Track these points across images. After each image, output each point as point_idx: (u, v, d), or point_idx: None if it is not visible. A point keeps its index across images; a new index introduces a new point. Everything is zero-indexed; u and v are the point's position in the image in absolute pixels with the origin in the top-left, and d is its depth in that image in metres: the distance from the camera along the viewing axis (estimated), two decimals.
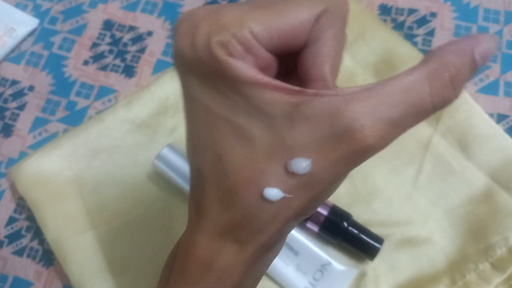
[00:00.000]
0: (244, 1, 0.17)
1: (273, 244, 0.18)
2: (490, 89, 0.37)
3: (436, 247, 0.33)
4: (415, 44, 0.39)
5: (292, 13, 0.16)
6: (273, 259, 0.19)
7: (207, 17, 0.16)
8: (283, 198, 0.16)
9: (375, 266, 0.32)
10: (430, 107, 0.15)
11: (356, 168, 0.36)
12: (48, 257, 0.35)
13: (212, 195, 0.17)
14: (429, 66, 0.16)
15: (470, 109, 0.35)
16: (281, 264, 0.32)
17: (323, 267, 0.32)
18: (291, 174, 0.16)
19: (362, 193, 0.34)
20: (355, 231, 0.31)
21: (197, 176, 0.18)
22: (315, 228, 0.32)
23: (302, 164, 0.15)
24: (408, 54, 0.38)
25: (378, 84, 0.15)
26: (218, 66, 0.15)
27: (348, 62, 0.38)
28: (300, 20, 0.16)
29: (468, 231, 0.33)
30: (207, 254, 0.17)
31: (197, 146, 0.17)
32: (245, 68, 0.15)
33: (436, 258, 0.32)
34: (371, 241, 0.31)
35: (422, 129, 0.35)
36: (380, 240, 0.31)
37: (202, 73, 0.16)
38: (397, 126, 0.15)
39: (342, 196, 0.34)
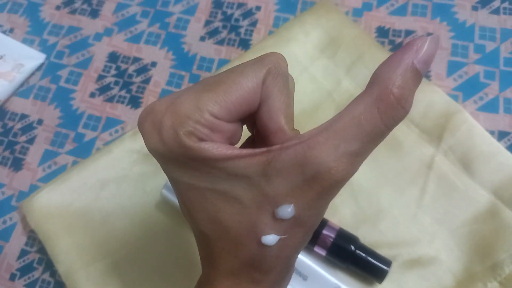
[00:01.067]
0: (195, 84, 0.19)
1: (283, 277, 0.20)
2: (490, 107, 0.38)
3: (443, 267, 0.33)
4: None
5: (240, 85, 0.18)
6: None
7: (168, 110, 0.17)
8: (280, 239, 0.18)
9: None
10: (385, 130, 0.17)
11: (360, 189, 0.37)
12: None
13: (219, 248, 0.19)
14: (374, 91, 0.17)
15: (471, 128, 0.36)
16: None
17: None
18: (280, 220, 0.18)
19: (368, 214, 0.35)
20: (363, 254, 0.32)
21: (199, 235, 0.20)
22: (322, 252, 0.32)
23: (287, 210, 0.17)
24: None
25: (334, 120, 0.17)
26: (190, 153, 0.17)
27: (348, 85, 0.39)
28: (249, 88, 0.18)
29: (474, 250, 0.33)
30: None
31: (193, 215, 0.19)
32: (215, 148, 0.17)
33: (444, 277, 0.33)
34: (379, 264, 0.31)
35: (424, 149, 0.36)
36: (388, 263, 0.32)
37: (178, 160, 0.18)
38: (359, 156, 0.17)
39: (348, 218, 0.34)
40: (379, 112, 0.16)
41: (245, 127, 0.20)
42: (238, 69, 0.18)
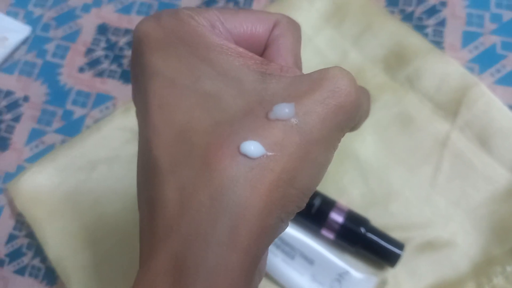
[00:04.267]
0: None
1: (264, 225, 0.14)
2: (508, 80, 0.35)
3: (459, 250, 0.31)
4: (425, 35, 0.37)
5: (252, 15, 0.17)
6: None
7: (173, 10, 0.17)
8: (266, 157, 0.13)
9: (395, 273, 0.30)
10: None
11: (370, 169, 0.34)
12: (51, 276, 0.33)
13: (171, 187, 0.14)
14: None
15: (489, 102, 0.33)
16: (295, 275, 0.30)
17: (341, 276, 0.30)
18: (272, 124, 0.13)
19: (378, 195, 0.32)
20: (374, 237, 0.29)
21: (148, 166, 0.15)
22: (330, 235, 0.30)
23: (284, 109, 0.13)
24: (419, 46, 0.36)
25: None
26: (185, 30, 0.16)
27: (355, 57, 0.36)
28: (260, 26, 0.17)
29: (492, 232, 0.31)
30: None
31: (157, 126, 0.15)
32: (212, 33, 0.16)
33: (460, 261, 0.31)
34: (392, 247, 0.29)
35: (439, 125, 0.33)
36: (401, 246, 0.29)
37: (167, 44, 0.16)
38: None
39: (357, 199, 0.32)
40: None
41: None
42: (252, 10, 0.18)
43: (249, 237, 0.13)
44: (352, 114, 0.15)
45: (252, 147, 0.13)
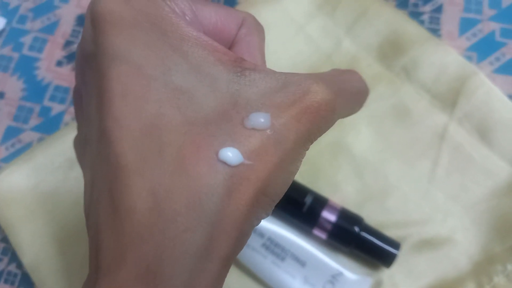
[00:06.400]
0: None
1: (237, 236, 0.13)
2: (508, 69, 0.34)
3: (458, 248, 0.29)
4: (421, 22, 0.36)
5: (222, 9, 0.17)
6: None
7: None
8: (242, 166, 0.13)
9: (391, 273, 0.29)
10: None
11: (365, 163, 0.33)
12: (27, 282, 0.31)
13: (138, 188, 0.12)
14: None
15: (488, 92, 0.32)
16: (286, 277, 0.28)
17: (334, 278, 0.28)
18: (249, 132, 0.13)
19: (373, 191, 0.31)
20: (369, 237, 0.28)
21: (106, 168, 0.13)
22: (322, 235, 0.29)
23: (260, 119, 0.13)
24: (415, 34, 0.34)
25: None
26: (158, 14, 0.14)
27: (349, 46, 0.34)
28: (229, 21, 0.17)
29: (493, 228, 0.29)
30: None
31: (128, 111, 0.13)
32: (186, 23, 0.14)
33: (459, 259, 0.29)
34: (387, 247, 0.28)
35: (437, 117, 0.32)
36: (396, 245, 0.28)
37: (135, 26, 0.14)
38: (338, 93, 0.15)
39: (351, 196, 0.31)
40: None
41: None
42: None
43: (226, 246, 0.13)
44: (326, 127, 0.15)
45: (231, 155, 0.13)
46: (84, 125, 0.16)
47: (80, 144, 0.18)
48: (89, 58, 0.15)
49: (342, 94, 0.15)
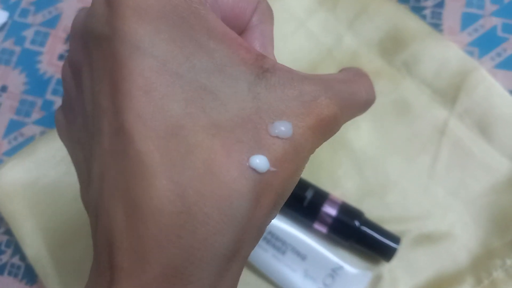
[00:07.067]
0: None
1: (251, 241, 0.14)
2: (509, 64, 0.34)
3: (457, 243, 0.30)
4: (423, 17, 0.36)
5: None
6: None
7: None
8: (269, 173, 0.13)
9: (391, 267, 0.29)
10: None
11: (365, 159, 0.33)
12: (31, 274, 0.31)
13: (165, 189, 0.12)
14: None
15: (489, 87, 0.32)
16: (287, 271, 0.29)
17: (334, 271, 0.29)
18: (274, 139, 0.14)
19: (374, 186, 0.31)
20: (369, 231, 0.28)
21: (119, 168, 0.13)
22: (323, 229, 0.29)
23: (283, 128, 0.14)
24: (417, 29, 0.34)
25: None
26: (187, 6, 0.14)
27: (351, 41, 0.34)
28: (245, 6, 0.16)
29: (492, 223, 0.30)
30: None
31: (152, 108, 0.13)
32: (215, 16, 0.14)
33: (459, 254, 0.29)
34: (387, 241, 0.28)
35: (437, 112, 0.32)
36: (396, 239, 0.28)
37: (161, 18, 0.13)
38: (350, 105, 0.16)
39: (352, 191, 0.31)
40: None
41: None
42: None
43: (249, 247, 0.14)
44: (330, 137, 0.15)
45: (259, 161, 0.13)
46: (79, 102, 0.16)
47: (66, 118, 0.17)
48: (99, 38, 0.14)
49: (351, 106, 0.16)
